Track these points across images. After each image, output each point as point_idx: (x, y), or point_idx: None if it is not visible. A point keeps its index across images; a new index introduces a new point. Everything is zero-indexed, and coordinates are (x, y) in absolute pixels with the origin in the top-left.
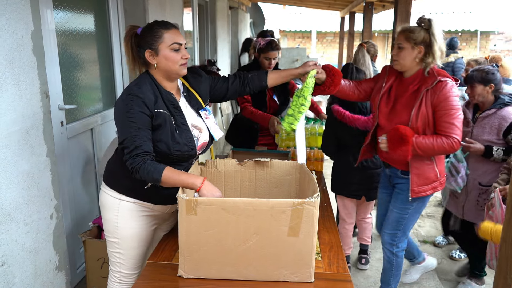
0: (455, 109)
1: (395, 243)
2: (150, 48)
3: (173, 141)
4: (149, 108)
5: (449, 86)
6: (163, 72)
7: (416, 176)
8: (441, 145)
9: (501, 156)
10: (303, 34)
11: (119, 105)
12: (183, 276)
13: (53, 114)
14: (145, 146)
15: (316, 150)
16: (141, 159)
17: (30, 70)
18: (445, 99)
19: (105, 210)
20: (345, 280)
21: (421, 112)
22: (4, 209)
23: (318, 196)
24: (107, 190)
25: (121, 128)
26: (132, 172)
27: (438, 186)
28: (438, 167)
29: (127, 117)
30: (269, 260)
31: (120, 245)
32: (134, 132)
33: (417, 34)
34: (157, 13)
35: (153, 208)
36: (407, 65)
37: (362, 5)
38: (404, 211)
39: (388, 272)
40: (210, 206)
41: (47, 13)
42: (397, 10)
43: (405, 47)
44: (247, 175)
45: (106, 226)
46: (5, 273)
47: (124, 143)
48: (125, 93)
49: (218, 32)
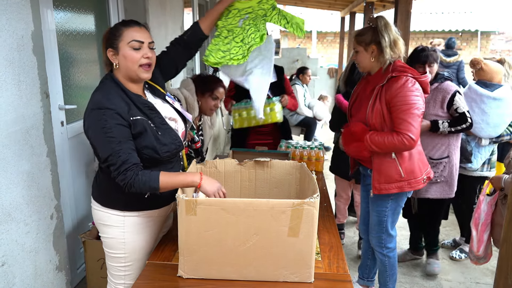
0: (407, 104)
1: (382, 245)
2: (111, 47)
3: (160, 144)
4: (124, 118)
5: (401, 81)
6: (124, 73)
7: (376, 172)
8: (392, 141)
9: (446, 128)
10: None
11: (91, 122)
12: (183, 276)
13: (53, 114)
14: (131, 158)
15: (316, 150)
16: (132, 172)
17: (30, 70)
18: (396, 95)
19: (106, 228)
20: (345, 281)
21: (376, 108)
22: (4, 209)
23: (318, 196)
24: (104, 209)
25: (100, 146)
26: (126, 188)
27: (405, 186)
28: (403, 166)
29: (104, 133)
30: (269, 260)
31: (127, 259)
32: (117, 148)
33: (366, 36)
34: (158, 13)
35: (158, 214)
36: (366, 66)
37: (363, 5)
38: (381, 213)
39: (383, 273)
40: (209, 207)
41: (47, 13)
42: (398, 10)
43: (359, 50)
44: (247, 175)
45: (110, 243)
46: (5, 273)
47: (108, 160)
48: (94, 107)
49: None
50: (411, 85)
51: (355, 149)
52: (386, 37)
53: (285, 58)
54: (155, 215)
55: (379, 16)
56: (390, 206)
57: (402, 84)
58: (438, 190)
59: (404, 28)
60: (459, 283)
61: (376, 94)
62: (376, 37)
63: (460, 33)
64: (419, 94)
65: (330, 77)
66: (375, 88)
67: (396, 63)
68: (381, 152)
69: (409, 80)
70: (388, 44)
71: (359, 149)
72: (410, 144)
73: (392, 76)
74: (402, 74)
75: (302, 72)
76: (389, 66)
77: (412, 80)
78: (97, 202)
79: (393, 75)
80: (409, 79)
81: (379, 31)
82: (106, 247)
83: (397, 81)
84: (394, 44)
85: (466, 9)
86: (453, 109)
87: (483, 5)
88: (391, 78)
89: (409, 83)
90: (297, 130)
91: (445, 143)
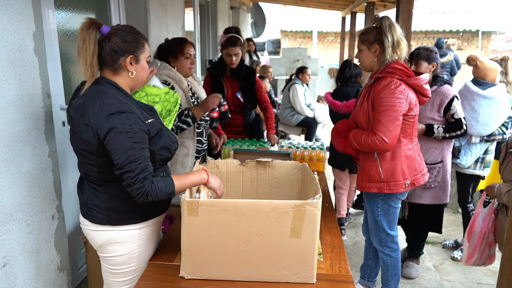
0: (385, 106)
1: (383, 244)
2: (133, 55)
3: (172, 143)
4: (143, 123)
5: (384, 83)
6: (134, 81)
7: (361, 169)
8: (366, 141)
9: (441, 134)
10: (304, 34)
11: (114, 126)
12: (184, 277)
13: (54, 114)
14: (149, 167)
15: (318, 150)
16: (149, 181)
17: (31, 70)
18: (377, 95)
19: (119, 246)
20: (347, 281)
21: (363, 107)
22: (6, 209)
23: (320, 197)
24: (117, 228)
25: (120, 151)
26: (140, 197)
27: (384, 187)
28: (383, 167)
29: (128, 138)
30: (271, 261)
31: (136, 271)
32: (138, 154)
33: (369, 35)
34: (159, 13)
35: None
36: (368, 65)
37: (364, 5)
38: (375, 212)
39: (385, 273)
40: (211, 208)
41: (48, 14)
42: (399, 10)
43: (362, 49)
44: (249, 175)
45: (121, 260)
46: (7, 273)
47: (126, 167)
48: (114, 111)
49: (219, 32)
50: (393, 87)
51: (339, 145)
52: (389, 37)
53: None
54: (162, 218)
55: (385, 16)
56: (380, 206)
57: (385, 85)
58: (432, 195)
59: (406, 28)
60: (461, 283)
61: (365, 94)
62: (380, 37)
63: (461, 33)
64: (401, 97)
65: (331, 77)
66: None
67: (392, 64)
68: (361, 150)
69: (393, 81)
70: (391, 44)
71: (343, 145)
72: (382, 145)
73: (379, 77)
74: (388, 76)
75: (302, 71)
76: (384, 67)
77: (397, 82)
78: (100, 224)
79: (380, 76)
80: (394, 80)
81: (383, 31)
82: (112, 265)
83: (380, 82)
84: (397, 45)
85: (467, 9)
86: (450, 114)
87: (484, 5)
88: (378, 79)
89: (392, 85)
90: (298, 130)
91: (439, 148)
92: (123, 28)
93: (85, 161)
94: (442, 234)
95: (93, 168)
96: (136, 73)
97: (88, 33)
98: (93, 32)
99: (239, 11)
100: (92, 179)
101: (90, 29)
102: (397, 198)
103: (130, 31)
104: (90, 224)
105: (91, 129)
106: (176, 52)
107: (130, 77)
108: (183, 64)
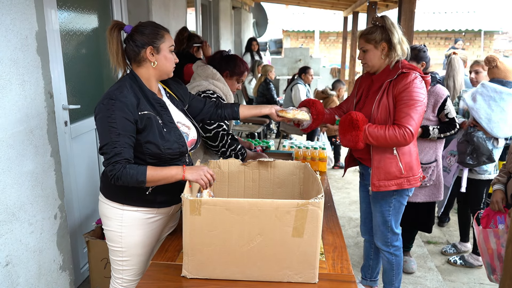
0: (414, 100)
1: (389, 243)
2: (153, 46)
3: (163, 140)
4: (132, 112)
5: (411, 78)
6: (158, 71)
7: (376, 169)
8: (393, 134)
9: (436, 135)
10: (306, 34)
11: (100, 110)
12: (186, 276)
13: (57, 114)
14: (124, 153)
15: (320, 150)
16: (120, 165)
17: (34, 70)
18: (405, 90)
19: (107, 220)
20: (349, 281)
21: (382, 103)
22: (9, 208)
23: (322, 197)
24: (107, 201)
25: (101, 134)
26: (113, 180)
27: (405, 183)
28: (403, 162)
29: (108, 122)
30: (273, 260)
31: (124, 253)
32: (115, 138)
33: (375, 34)
34: (161, 13)
35: (157, 212)
36: (376, 65)
37: (366, 5)
38: (386, 212)
39: (389, 272)
40: (214, 207)
41: (51, 14)
42: (401, 10)
43: (368, 49)
44: (251, 175)
45: (109, 235)
46: (10, 272)
47: (103, 149)
48: (106, 97)
49: (221, 32)
50: (419, 82)
51: (352, 138)
52: (396, 34)
53: (287, 58)
54: (154, 213)
55: (384, 15)
56: (393, 205)
57: (411, 80)
58: (427, 193)
59: (408, 28)
60: (463, 283)
61: (384, 89)
62: (386, 35)
63: (463, 33)
64: (424, 93)
65: (333, 76)
66: (382, 84)
67: (404, 62)
68: (376, 144)
69: (418, 77)
70: (399, 41)
71: (356, 139)
72: (410, 138)
73: (402, 72)
74: (411, 71)
75: (304, 71)
76: (397, 64)
77: (420, 78)
78: (101, 193)
79: (403, 71)
80: (418, 76)
81: (388, 29)
82: (107, 240)
83: (406, 77)
84: (402, 42)
85: (469, 9)
86: (444, 114)
87: (486, 5)
88: (401, 74)
89: (418, 80)
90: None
91: (433, 147)
92: (143, 24)
93: None
94: (445, 234)
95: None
96: (158, 62)
97: (111, 34)
98: (114, 32)
99: (241, 11)
100: None
101: (112, 30)
102: (407, 195)
103: (149, 25)
104: (100, 193)
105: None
106: (235, 74)
107: (153, 67)
108: (234, 85)
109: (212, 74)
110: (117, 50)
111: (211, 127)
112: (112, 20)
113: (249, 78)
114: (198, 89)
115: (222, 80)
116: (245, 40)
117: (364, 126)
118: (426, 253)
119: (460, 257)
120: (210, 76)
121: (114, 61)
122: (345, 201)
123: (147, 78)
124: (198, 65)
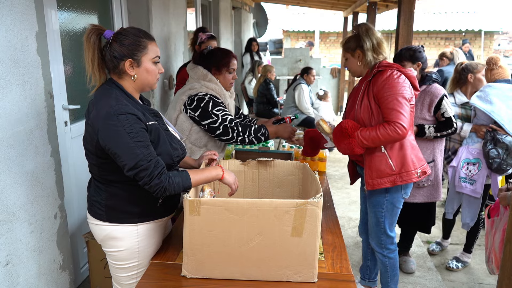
0: (394, 94)
1: (382, 245)
2: (132, 58)
3: (173, 149)
4: (144, 123)
5: (387, 74)
6: (139, 84)
7: (368, 168)
8: (386, 132)
9: (432, 133)
10: (306, 34)
11: (112, 129)
12: (186, 276)
13: (57, 114)
14: (161, 161)
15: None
16: (166, 176)
17: (34, 70)
18: (383, 86)
19: (118, 241)
20: (348, 281)
21: (364, 103)
22: (9, 208)
23: (321, 197)
24: (117, 226)
25: (127, 152)
26: (158, 192)
27: (398, 180)
28: (393, 158)
29: (130, 138)
30: (272, 260)
31: (140, 266)
32: (145, 151)
33: (350, 43)
34: (161, 14)
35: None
36: (356, 71)
37: (366, 5)
38: (379, 213)
39: (384, 274)
40: (213, 207)
41: (51, 14)
42: (401, 10)
43: (347, 57)
44: (250, 175)
45: (122, 255)
46: (10, 272)
47: (138, 166)
48: (112, 113)
49: (222, 32)
50: (396, 76)
51: (347, 146)
52: (367, 41)
53: (287, 58)
54: (165, 218)
55: (362, 23)
56: (386, 206)
57: (387, 76)
58: (425, 194)
59: (407, 28)
60: (462, 283)
61: (364, 90)
62: (359, 42)
63: (463, 33)
64: (406, 85)
65: (333, 77)
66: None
67: (382, 62)
68: (373, 146)
69: (394, 72)
70: (370, 47)
71: (350, 146)
72: (403, 132)
73: (378, 71)
74: (388, 68)
75: (307, 72)
76: (375, 65)
77: (398, 73)
78: (100, 220)
79: (379, 69)
80: (394, 71)
81: (360, 37)
82: (115, 260)
83: (382, 75)
84: (378, 47)
85: (470, 9)
86: (440, 113)
87: (486, 5)
88: (377, 73)
89: (394, 75)
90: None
91: (430, 147)
92: (124, 31)
93: (88, 159)
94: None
95: (94, 167)
96: (139, 76)
97: (87, 39)
98: (91, 38)
99: (241, 11)
100: (96, 177)
101: (89, 36)
102: (402, 197)
103: (130, 33)
104: (92, 218)
105: (91, 128)
106: (221, 66)
107: (133, 81)
108: (226, 78)
109: (203, 75)
110: (93, 58)
111: (215, 125)
112: (90, 24)
113: (249, 78)
114: (190, 93)
115: (214, 80)
116: (245, 41)
117: (355, 132)
118: (425, 253)
119: (455, 259)
120: (201, 78)
121: (90, 69)
122: (345, 201)
123: (129, 90)
124: (190, 67)
